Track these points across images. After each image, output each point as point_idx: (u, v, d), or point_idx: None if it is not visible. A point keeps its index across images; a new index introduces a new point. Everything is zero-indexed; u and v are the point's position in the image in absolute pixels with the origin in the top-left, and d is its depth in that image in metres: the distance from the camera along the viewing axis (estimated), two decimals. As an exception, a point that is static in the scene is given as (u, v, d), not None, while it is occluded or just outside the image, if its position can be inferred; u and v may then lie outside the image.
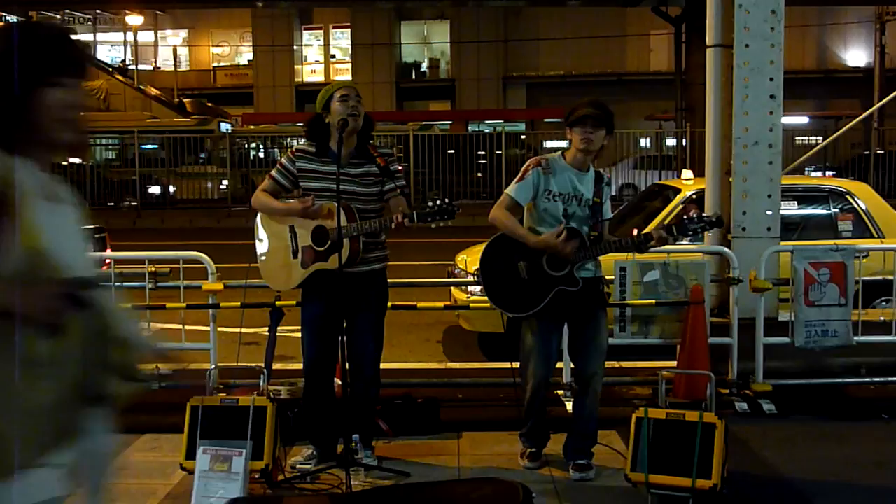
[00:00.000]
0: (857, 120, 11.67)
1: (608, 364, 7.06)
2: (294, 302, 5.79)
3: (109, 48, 44.79)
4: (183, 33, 44.79)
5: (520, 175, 5.04)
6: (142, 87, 38.66)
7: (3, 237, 2.09)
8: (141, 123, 29.34)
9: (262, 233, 5.12)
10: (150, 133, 28.39)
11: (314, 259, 4.91)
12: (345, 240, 4.75)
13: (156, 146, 28.25)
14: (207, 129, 28.06)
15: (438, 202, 4.68)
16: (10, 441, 2.03)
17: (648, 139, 30.12)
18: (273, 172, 5.06)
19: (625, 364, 7.19)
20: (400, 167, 5.08)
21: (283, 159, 5.08)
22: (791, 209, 8.04)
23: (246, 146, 29.15)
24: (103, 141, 28.97)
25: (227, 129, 29.05)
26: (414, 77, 42.71)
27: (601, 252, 4.97)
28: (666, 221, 8.15)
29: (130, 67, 40.68)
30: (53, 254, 2.16)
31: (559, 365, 5.28)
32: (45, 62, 2.22)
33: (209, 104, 37.39)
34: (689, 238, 5.11)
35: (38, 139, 2.25)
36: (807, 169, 25.94)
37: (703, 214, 5.06)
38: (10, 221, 2.10)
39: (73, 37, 2.29)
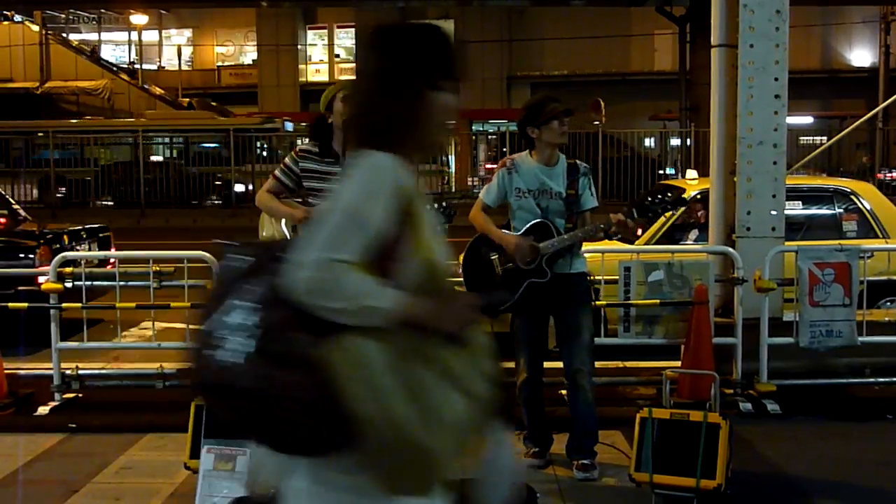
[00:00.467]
0: (861, 120, 11.68)
1: (612, 364, 7.11)
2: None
3: (114, 47, 44.85)
4: (187, 33, 44.80)
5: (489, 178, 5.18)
6: (146, 86, 38.76)
7: (408, 249, 2.06)
8: (204, 122, 29.50)
9: (265, 232, 5.13)
10: (212, 132, 28.50)
11: None
12: None
13: (217, 145, 28.28)
14: (273, 127, 28.10)
15: (436, 205, 4.71)
16: (436, 455, 1.97)
17: (652, 139, 30.10)
18: (276, 172, 5.06)
19: (629, 364, 7.19)
20: None
21: (286, 159, 5.08)
22: (795, 209, 8.03)
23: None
24: (167, 140, 29.06)
25: (290, 129, 29.06)
26: (418, 76, 42.67)
27: (567, 242, 4.95)
28: (670, 222, 8.15)
29: (135, 67, 40.79)
30: (440, 261, 2.13)
31: (560, 364, 5.27)
32: (436, 65, 2.16)
33: (214, 103, 37.42)
34: (652, 219, 5.12)
35: (421, 143, 2.20)
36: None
37: (667, 195, 5.07)
38: (415, 234, 2.07)
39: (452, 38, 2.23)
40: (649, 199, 5.00)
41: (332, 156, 4.93)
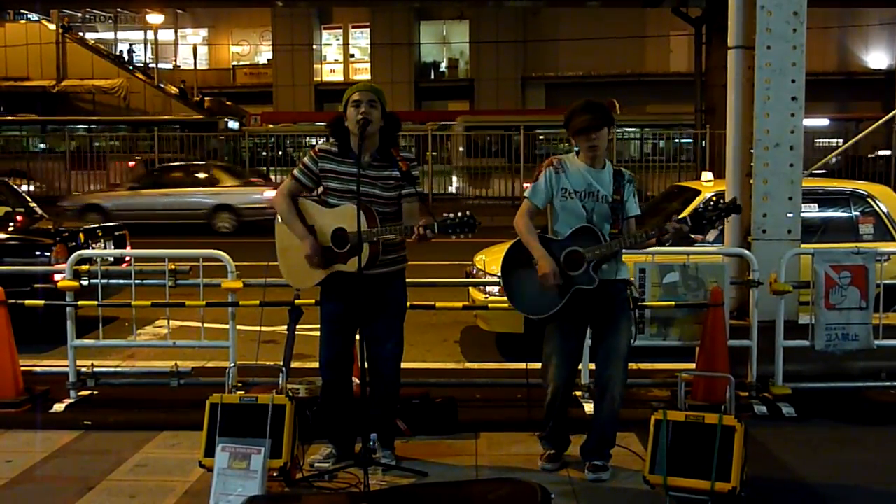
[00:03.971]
0: (879, 122, 11.57)
1: (627, 366, 7.09)
2: (313, 301, 5.81)
3: (130, 46, 45.05)
4: (203, 32, 44.99)
5: (534, 177, 5.09)
6: (162, 85, 38.91)
7: None
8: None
9: (282, 231, 5.13)
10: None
11: (333, 260, 4.92)
12: (364, 243, 4.76)
13: None
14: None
15: (460, 214, 4.67)
16: None
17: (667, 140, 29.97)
18: (295, 172, 5.06)
19: (643, 366, 7.17)
20: (418, 172, 5.07)
21: (305, 159, 5.07)
22: (812, 212, 8.00)
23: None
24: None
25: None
26: (433, 77, 42.76)
27: (615, 248, 4.88)
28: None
29: (151, 66, 40.95)
30: None
31: (579, 367, 5.27)
32: None
33: (229, 103, 37.54)
34: (706, 227, 4.97)
35: None
36: None
37: (720, 202, 4.91)
38: None
39: None
40: (703, 206, 4.88)
41: (350, 156, 4.93)
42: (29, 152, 29.11)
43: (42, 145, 30.27)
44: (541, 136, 27.59)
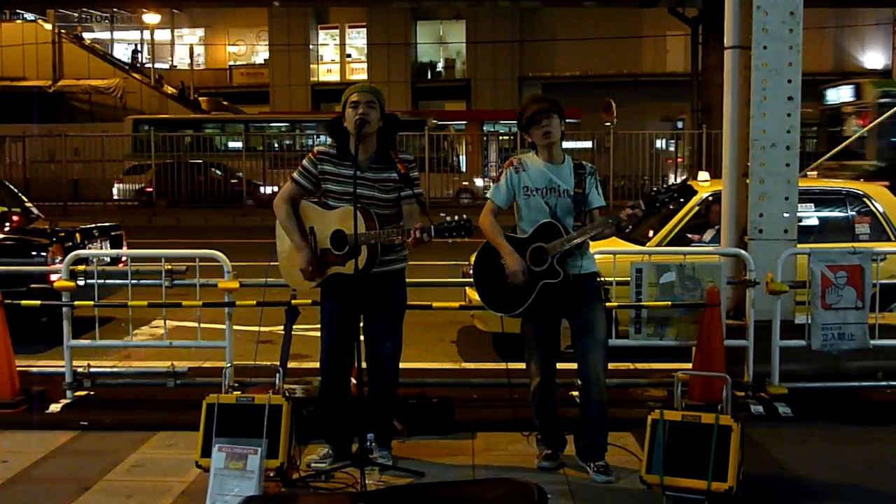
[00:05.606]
0: (876, 122, 11.61)
1: (623, 365, 7.11)
2: (310, 301, 5.81)
3: (126, 46, 45.01)
4: (199, 32, 44.94)
5: (496, 178, 5.22)
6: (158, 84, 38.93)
7: None
8: None
9: (282, 234, 5.13)
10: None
11: (332, 262, 4.93)
12: (363, 246, 4.76)
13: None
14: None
15: (456, 217, 4.69)
16: None
17: (664, 140, 30.00)
18: (295, 175, 5.05)
19: (640, 365, 7.18)
20: (418, 174, 5.08)
21: (304, 162, 5.06)
22: (808, 212, 8.00)
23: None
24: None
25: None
26: (429, 77, 42.75)
27: (575, 240, 4.93)
28: (682, 224, 8.14)
29: (146, 66, 40.95)
30: None
31: (571, 366, 5.26)
32: None
33: (225, 102, 37.52)
34: (659, 207, 5.11)
35: None
36: None
37: (671, 185, 5.07)
38: None
39: None
40: (654, 190, 5.01)
41: (349, 159, 4.92)
42: (227, 151, 28.73)
43: (236, 144, 29.64)
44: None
